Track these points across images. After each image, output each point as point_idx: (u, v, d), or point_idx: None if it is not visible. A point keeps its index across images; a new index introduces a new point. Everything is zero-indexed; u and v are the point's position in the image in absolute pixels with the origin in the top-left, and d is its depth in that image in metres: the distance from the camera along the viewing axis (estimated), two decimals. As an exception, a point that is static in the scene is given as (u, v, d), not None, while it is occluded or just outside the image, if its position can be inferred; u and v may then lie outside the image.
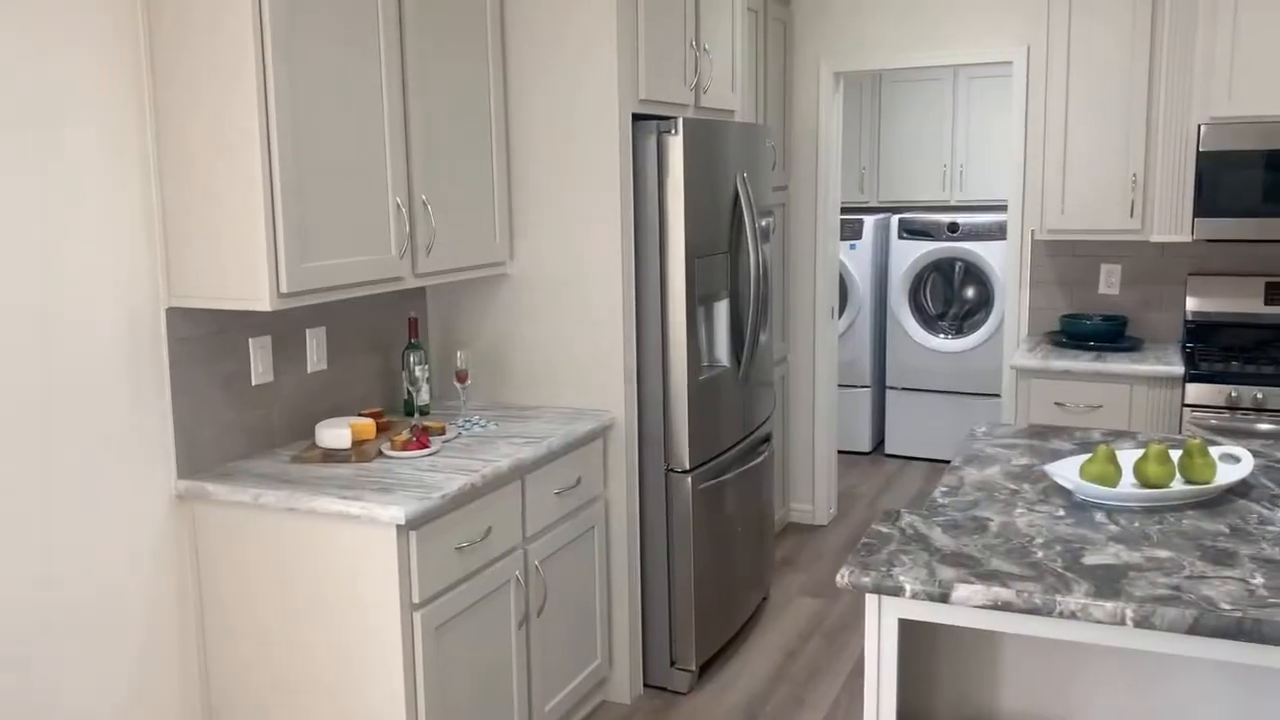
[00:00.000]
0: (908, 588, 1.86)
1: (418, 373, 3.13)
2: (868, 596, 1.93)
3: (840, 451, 6.25)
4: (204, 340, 2.68)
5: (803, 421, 5.09)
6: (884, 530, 2.11)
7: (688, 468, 3.38)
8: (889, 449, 6.35)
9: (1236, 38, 3.75)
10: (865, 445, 6.37)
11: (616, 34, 3.12)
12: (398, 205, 2.79)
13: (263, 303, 2.45)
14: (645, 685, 3.50)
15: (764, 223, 3.88)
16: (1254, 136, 3.75)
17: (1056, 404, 3.97)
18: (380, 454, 2.79)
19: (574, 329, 3.31)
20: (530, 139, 3.28)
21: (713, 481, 3.52)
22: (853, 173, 6.44)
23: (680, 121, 3.22)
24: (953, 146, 6.20)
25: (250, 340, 2.82)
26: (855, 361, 6.29)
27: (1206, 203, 3.84)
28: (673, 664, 3.48)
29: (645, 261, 3.32)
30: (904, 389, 6.25)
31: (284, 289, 2.47)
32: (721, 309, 3.60)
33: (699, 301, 3.41)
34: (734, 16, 3.88)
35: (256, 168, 2.39)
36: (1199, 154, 3.83)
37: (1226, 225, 3.83)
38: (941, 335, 6.16)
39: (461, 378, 3.17)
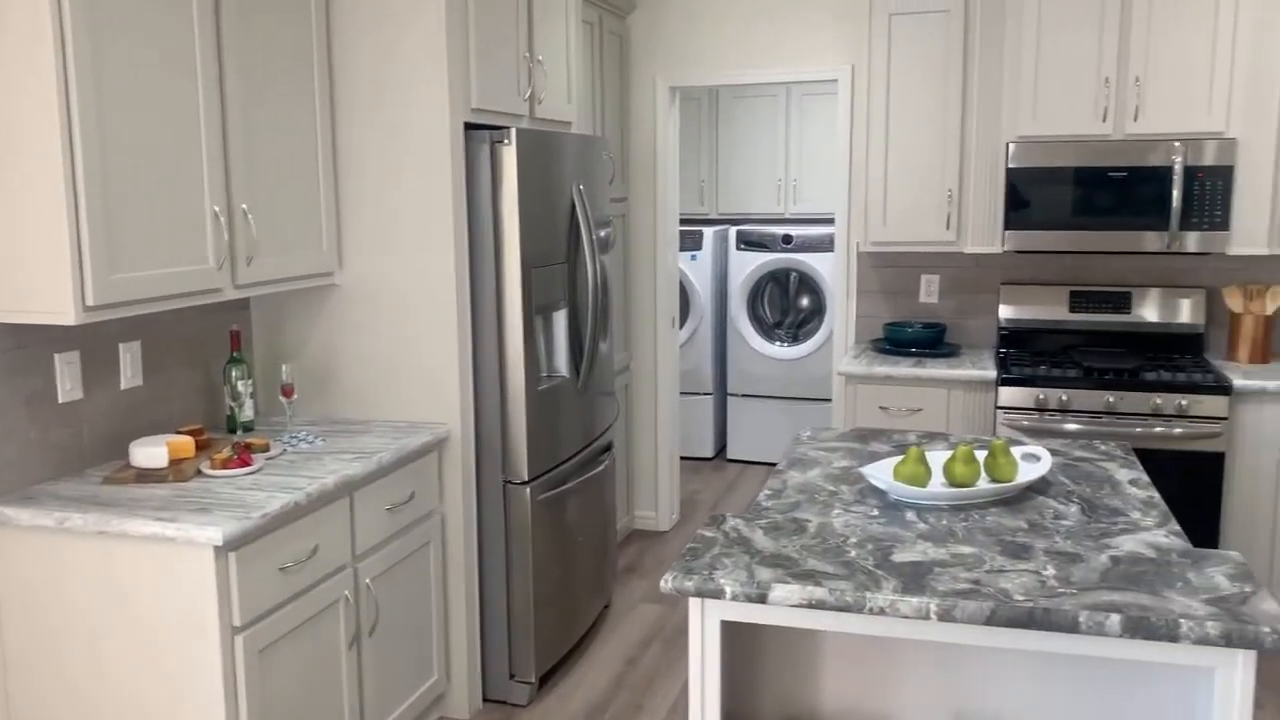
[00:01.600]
0: (728, 590, 1.90)
1: (240, 388, 3.02)
2: (691, 600, 1.97)
3: (683, 458, 6.35)
4: (3, 357, 2.52)
5: (645, 429, 5.15)
6: (708, 534, 2.15)
7: (526, 479, 3.37)
8: (731, 454, 6.49)
9: (1040, 61, 4.01)
10: (708, 451, 6.49)
11: (447, 41, 3.09)
12: (215, 214, 2.69)
13: (67, 316, 2.32)
14: (485, 699, 3.47)
15: (602, 233, 3.91)
16: (1058, 154, 4.01)
17: (881, 408, 4.14)
18: (199, 473, 2.68)
19: (407, 340, 3.25)
20: (360, 146, 3.21)
21: (553, 492, 3.53)
22: (692, 185, 6.57)
23: (514, 131, 3.22)
24: (786, 161, 6.40)
25: (56, 356, 2.66)
26: (697, 369, 6.41)
27: (1015, 216, 4.08)
28: (512, 676, 3.46)
29: (480, 271, 3.30)
30: (744, 395, 6.41)
31: (90, 302, 2.34)
32: (560, 319, 3.61)
33: (537, 311, 3.41)
34: (568, 28, 3.91)
35: (58, 171, 2.27)
36: (1008, 170, 4.07)
37: (1034, 237, 4.08)
38: (778, 343, 6.34)
39: (287, 392, 3.07)
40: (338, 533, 2.73)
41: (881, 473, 2.44)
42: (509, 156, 3.23)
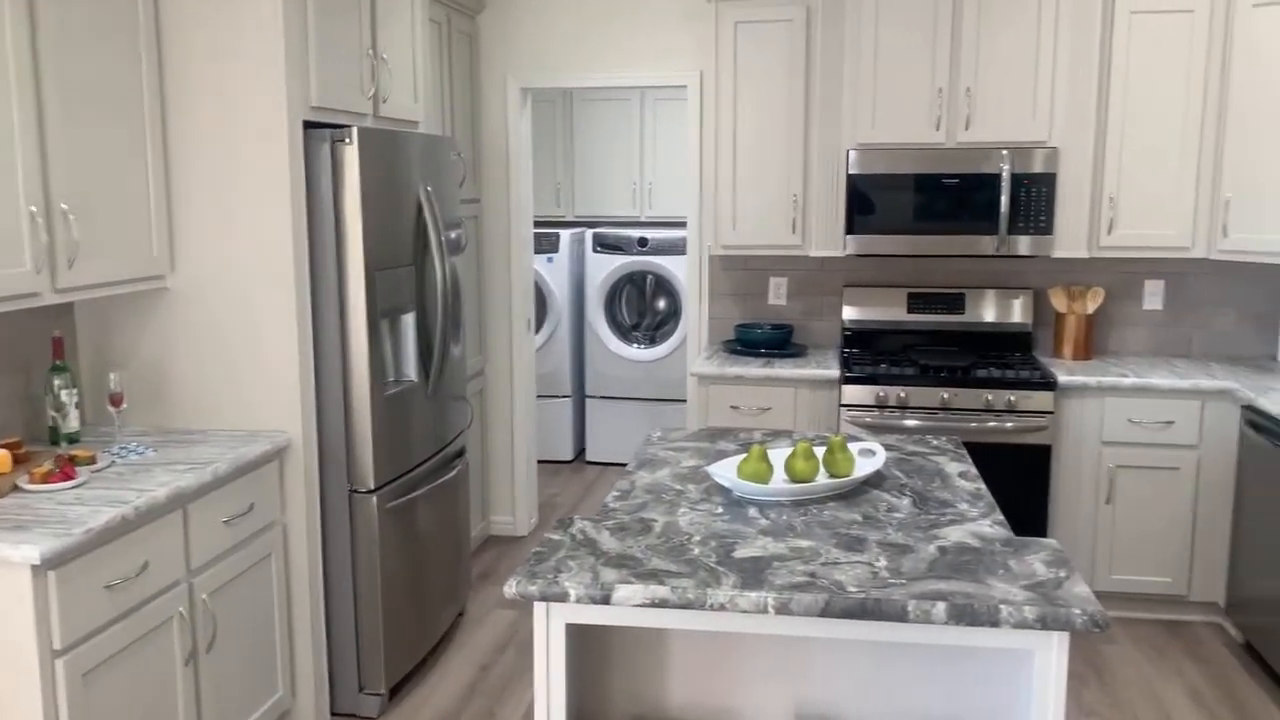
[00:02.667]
0: (573, 593, 1.90)
1: (63, 397, 2.85)
2: (536, 605, 1.96)
3: (542, 461, 6.32)
4: None
5: (501, 433, 5.11)
6: (555, 538, 2.15)
7: (373, 487, 3.30)
8: (590, 457, 6.50)
9: (877, 71, 4.16)
10: (567, 454, 6.49)
11: (284, 36, 2.99)
12: (32, 214, 2.53)
13: None
14: (333, 714, 3.38)
15: (452, 235, 3.86)
16: (895, 161, 4.17)
17: (733, 407, 4.22)
18: (16, 488, 2.52)
19: (245, 345, 3.14)
20: (194, 144, 3.08)
21: (402, 499, 3.46)
22: (548, 187, 6.55)
23: (356, 130, 3.14)
24: (641, 165, 6.45)
25: None
26: (555, 372, 6.40)
27: (856, 221, 4.22)
28: (362, 689, 3.37)
29: (322, 274, 3.21)
30: (602, 398, 6.43)
31: (-115, 307, 2.17)
32: (408, 322, 3.55)
33: (383, 315, 3.34)
34: (414, 27, 3.85)
35: None
36: (849, 177, 4.20)
37: (873, 241, 4.23)
38: (636, 345, 6.39)
39: (116, 401, 2.92)
40: (170, 547, 2.61)
41: (726, 471, 2.48)
42: (351, 156, 3.15)
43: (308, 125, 3.16)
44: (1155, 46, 4.03)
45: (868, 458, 2.63)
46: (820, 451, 2.57)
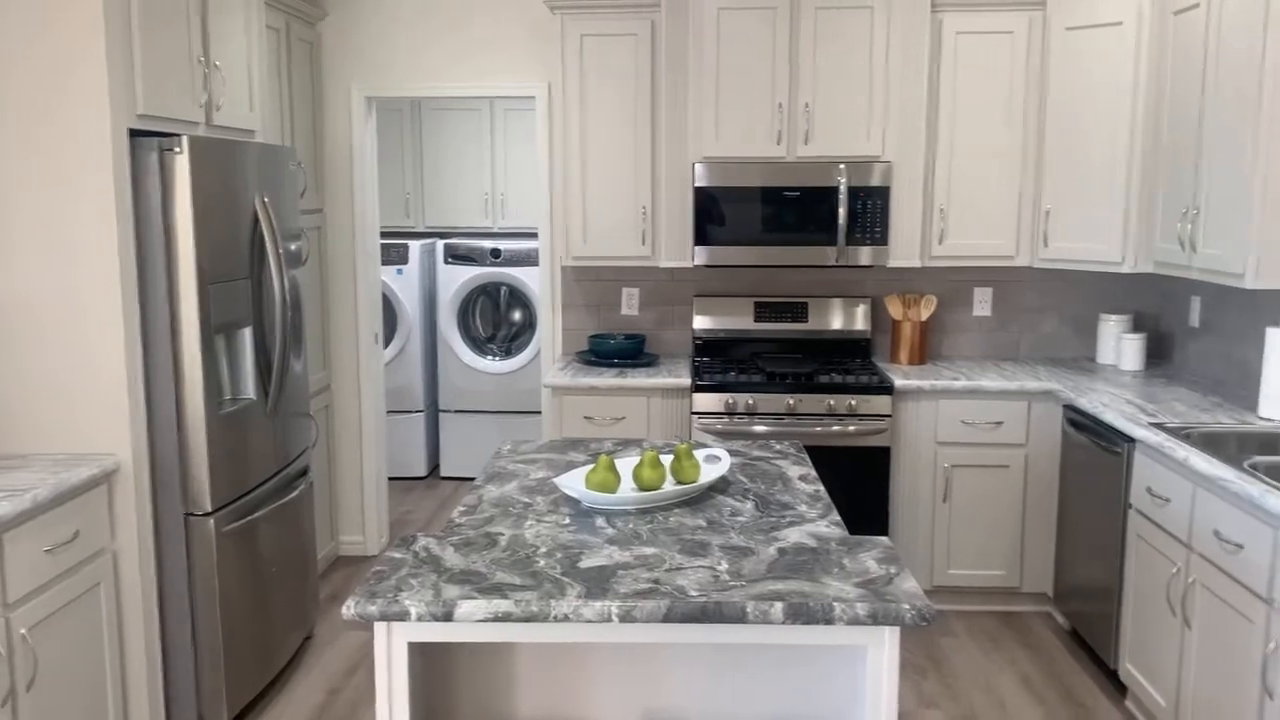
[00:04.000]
0: (413, 611, 1.87)
1: None
2: (376, 625, 1.92)
3: (395, 478, 6.20)
4: None
5: (349, 451, 4.98)
6: (397, 556, 2.11)
7: (209, 509, 3.17)
8: (445, 472, 6.41)
9: (720, 86, 4.25)
10: (421, 470, 6.38)
11: (105, 41, 2.85)
12: None
13: None
14: (171, 749, 3.22)
15: (292, 247, 3.76)
16: (740, 174, 4.26)
17: (586, 418, 4.23)
18: None
19: (67, 364, 2.97)
20: (10, 152, 2.90)
21: (241, 522, 3.33)
22: (397, 198, 6.44)
23: (186, 139, 3.02)
24: (493, 175, 6.42)
25: None
26: (407, 386, 6.28)
27: (702, 232, 4.30)
28: (201, 719, 3.24)
29: (152, 288, 3.07)
30: (457, 411, 6.35)
31: None
32: (245, 337, 3.43)
33: (217, 330, 3.22)
34: (250, 33, 3.73)
35: None
36: (695, 189, 4.28)
37: (720, 252, 4.31)
38: (490, 357, 6.34)
39: (-80, 426, 2.72)
40: (-18, 581, 2.45)
41: (574, 482, 2.49)
42: (181, 165, 3.03)
43: (135, 134, 3.02)
44: (979, 66, 4.26)
45: (713, 464, 2.67)
46: (668, 459, 2.61)
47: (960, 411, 4.16)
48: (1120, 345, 4.42)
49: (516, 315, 6.42)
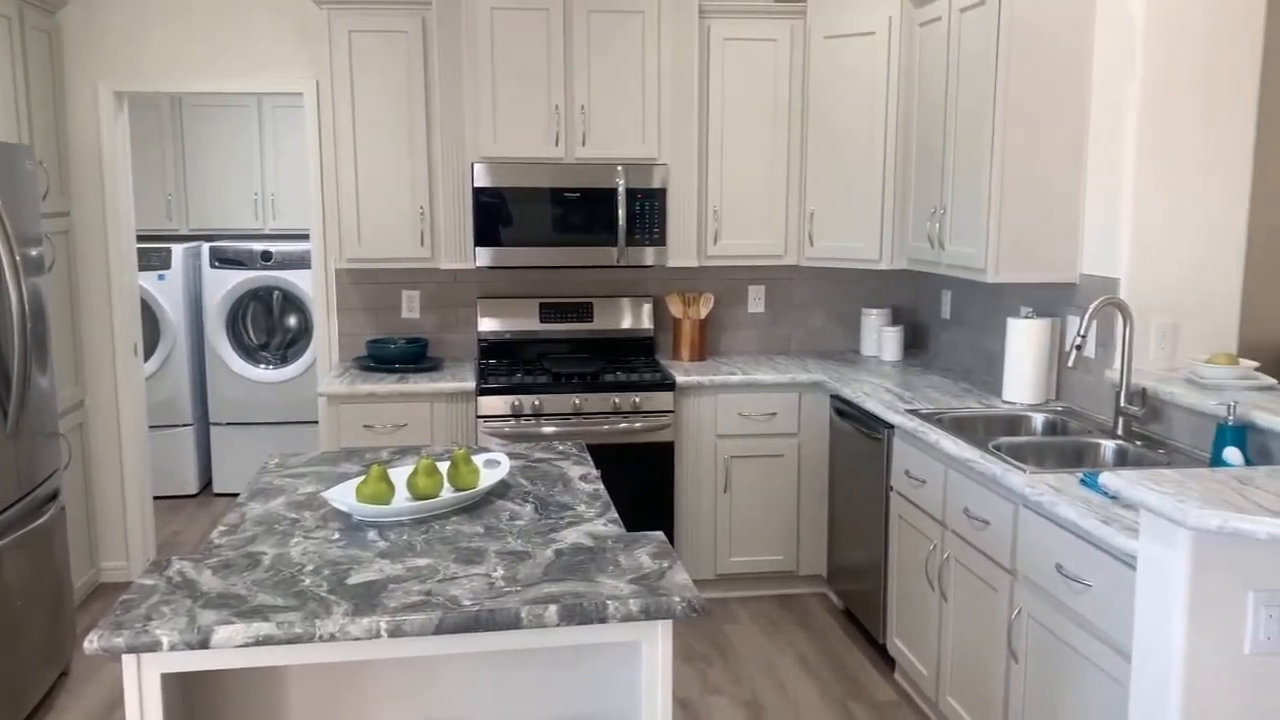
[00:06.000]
0: (165, 640, 1.76)
1: None
2: (125, 657, 1.79)
3: (163, 497, 5.82)
4: None
5: (109, 470, 4.64)
6: (148, 582, 1.97)
7: (-63, 543, 2.87)
8: (218, 488, 6.07)
9: (496, 86, 4.22)
10: (191, 487, 6.02)
11: None
12: None
13: None
14: (-102, 812, 2.91)
15: (33, 253, 3.46)
16: (520, 174, 4.24)
17: (366, 426, 4.11)
18: None
19: None
20: None
21: (-23, 554, 3.04)
22: (157, 199, 6.05)
23: (-105, 136, 2.73)
24: (263, 175, 6.13)
25: None
26: (174, 399, 5.91)
27: (483, 233, 4.25)
28: (-65, 778, 2.93)
29: None
30: (229, 424, 6.03)
31: None
32: (-23, 353, 3.13)
33: (-59, 347, 2.92)
34: (-26, 19, 3.40)
35: None
36: (475, 189, 4.23)
37: (503, 253, 4.28)
38: (264, 365, 6.05)
39: None
40: None
41: (344, 495, 2.40)
42: (-110, 165, 2.73)
43: None
44: (747, 72, 4.41)
45: (493, 468, 2.65)
46: (445, 466, 2.56)
47: (738, 405, 4.30)
48: (881, 337, 4.70)
49: (292, 321, 6.16)
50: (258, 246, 5.96)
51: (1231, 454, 2.67)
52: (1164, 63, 3.19)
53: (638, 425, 4.21)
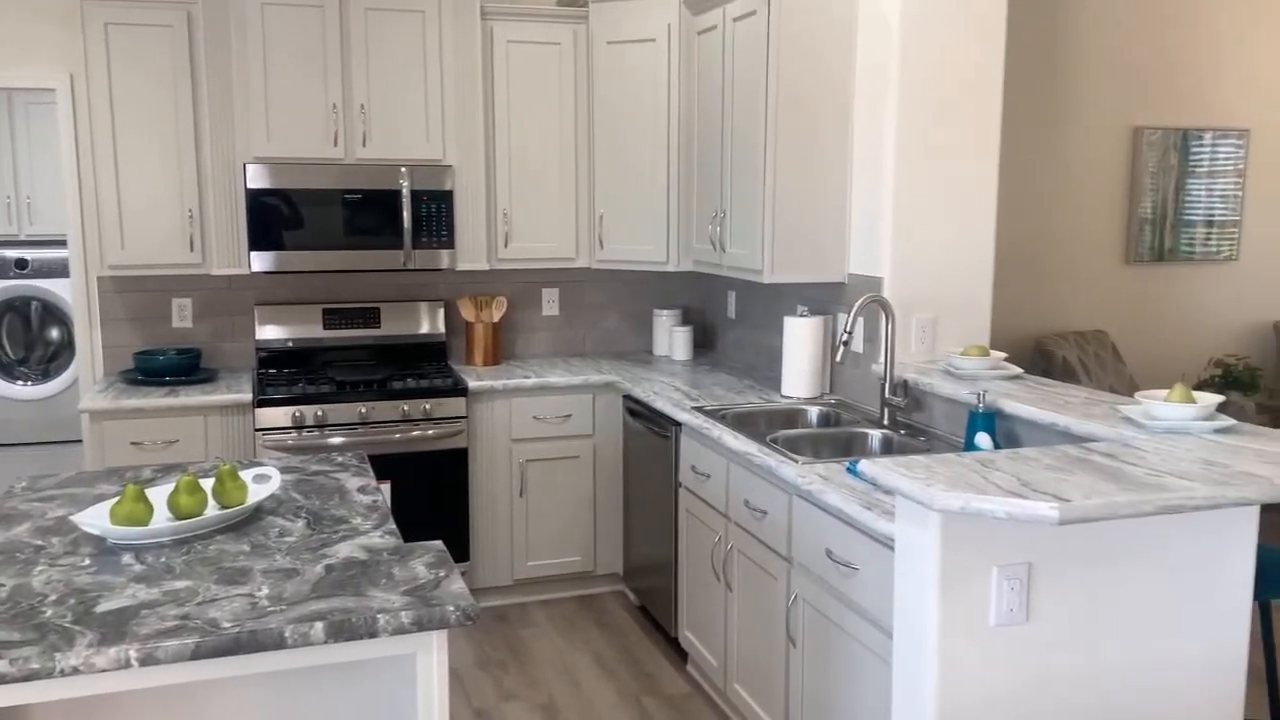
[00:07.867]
0: (-126, 690, 1.59)
1: None
2: None
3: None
4: None
5: None
6: None
7: None
8: (-29, 517, 5.56)
9: (269, 84, 4.05)
10: (-61, 517, 5.49)
11: None
12: None
13: None
14: None
15: None
16: (296, 176, 4.09)
17: (134, 443, 3.86)
18: None
19: None
20: None
21: None
22: (-110, 202, 5.49)
23: None
24: (16, 177, 5.67)
25: None
26: (-85, 422, 5.39)
27: (259, 237, 4.07)
28: None
29: None
30: (-17, 446, 5.55)
31: None
32: None
33: None
34: None
35: None
36: (248, 191, 4.05)
37: (280, 258, 4.11)
38: (23, 382, 5.60)
39: None
40: None
41: (96, 518, 2.24)
42: None
43: None
44: (531, 75, 4.41)
45: (263, 483, 2.54)
46: (209, 483, 2.43)
47: (533, 408, 4.30)
48: (672, 337, 4.80)
49: (54, 333, 5.73)
50: (12, 254, 5.50)
51: (982, 439, 2.88)
52: (917, 69, 3.40)
53: (430, 433, 4.14)
